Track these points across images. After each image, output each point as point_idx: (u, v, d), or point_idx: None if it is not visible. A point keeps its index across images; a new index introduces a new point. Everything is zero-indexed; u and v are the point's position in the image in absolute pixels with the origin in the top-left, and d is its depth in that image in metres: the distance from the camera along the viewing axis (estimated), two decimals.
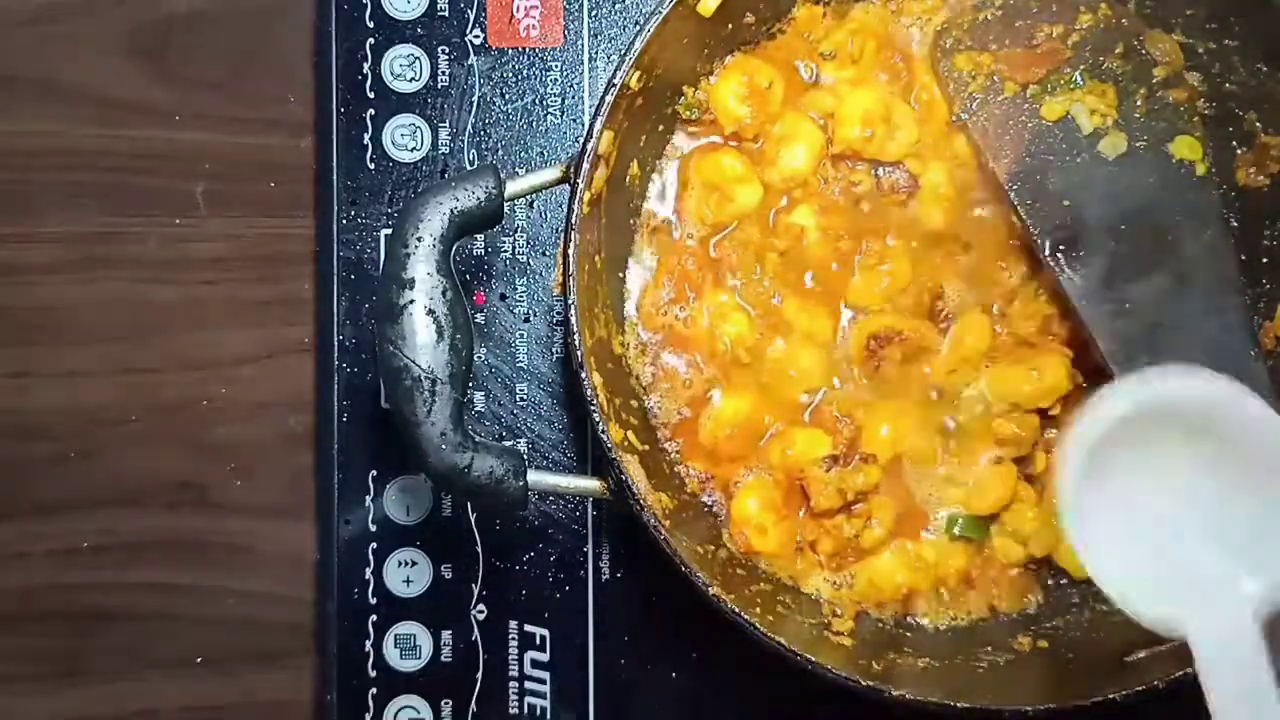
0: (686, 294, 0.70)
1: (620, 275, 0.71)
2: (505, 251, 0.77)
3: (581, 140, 0.61)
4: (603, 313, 0.66)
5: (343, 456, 0.76)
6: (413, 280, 0.55)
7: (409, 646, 0.76)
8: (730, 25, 0.68)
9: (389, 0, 0.77)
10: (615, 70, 0.60)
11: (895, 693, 0.59)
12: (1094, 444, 0.51)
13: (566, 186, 0.60)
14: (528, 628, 0.76)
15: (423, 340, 0.55)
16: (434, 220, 0.56)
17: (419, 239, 0.55)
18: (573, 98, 0.77)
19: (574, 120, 0.77)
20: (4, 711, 0.77)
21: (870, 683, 0.59)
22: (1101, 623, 0.67)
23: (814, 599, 0.68)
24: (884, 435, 0.69)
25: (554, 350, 0.77)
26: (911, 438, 0.70)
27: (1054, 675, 0.64)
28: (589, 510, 0.76)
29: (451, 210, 0.56)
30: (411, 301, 0.55)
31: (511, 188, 0.59)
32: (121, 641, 0.77)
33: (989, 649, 0.67)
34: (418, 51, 0.77)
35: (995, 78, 0.69)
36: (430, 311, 0.55)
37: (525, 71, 0.77)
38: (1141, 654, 0.62)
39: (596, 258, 0.65)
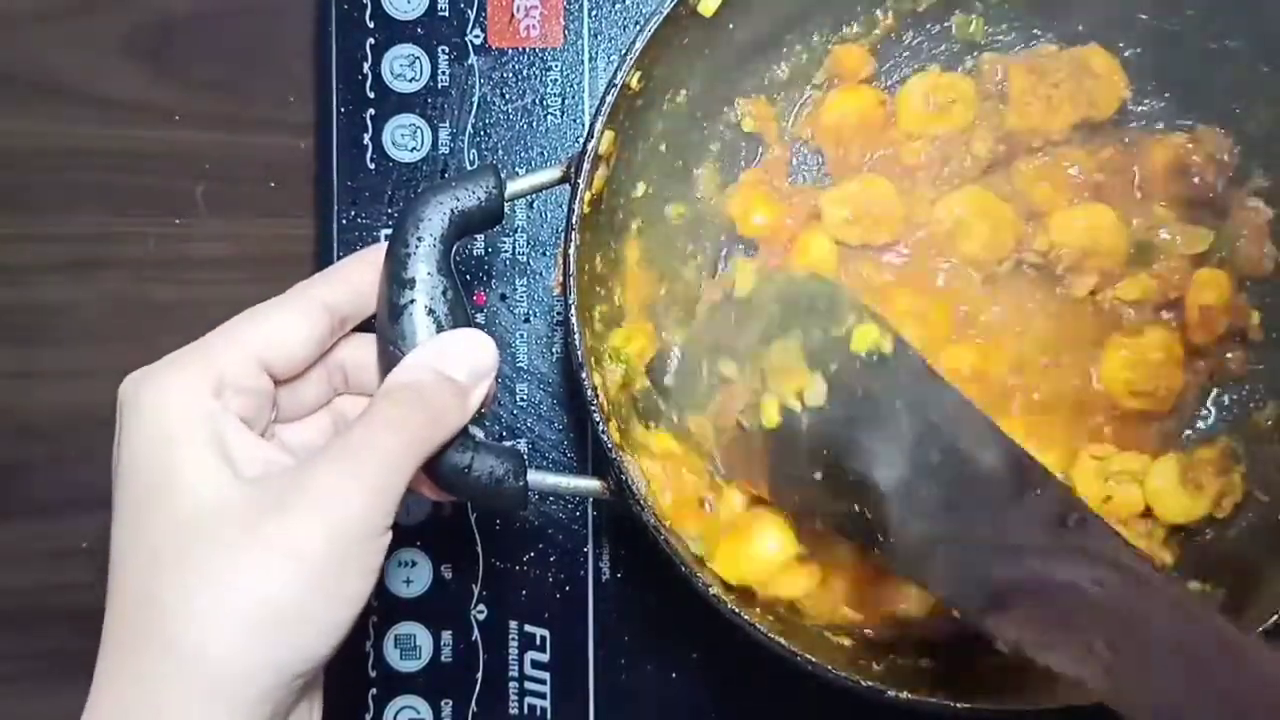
0: None
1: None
2: (505, 251, 0.77)
3: (582, 140, 0.61)
4: (601, 321, 0.66)
5: None
6: (413, 280, 0.55)
7: (409, 646, 0.76)
8: (731, 26, 0.67)
9: (389, 0, 0.77)
10: (616, 70, 0.60)
11: (896, 693, 0.59)
12: None
13: (567, 186, 0.60)
14: (528, 628, 0.76)
15: (423, 340, 0.55)
16: (434, 220, 0.56)
17: (419, 239, 0.55)
18: (573, 98, 0.77)
19: (574, 120, 0.77)
20: (4, 712, 0.77)
21: (871, 683, 0.59)
22: None
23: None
24: None
25: (554, 350, 0.77)
26: None
27: (1056, 675, 0.64)
28: (589, 510, 0.77)
29: (452, 210, 0.56)
30: (412, 301, 0.54)
31: (512, 188, 0.59)
32: None
33: (990, 649, 0.67)
34: (418, 51, 0.77)
35: None
36: (431, 311, 0.55)
37: (525, 71, 0.77)
38: None
39: (597, 258, 0.65)
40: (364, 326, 0.58)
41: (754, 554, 0.64)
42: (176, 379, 0.51)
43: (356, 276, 0.57)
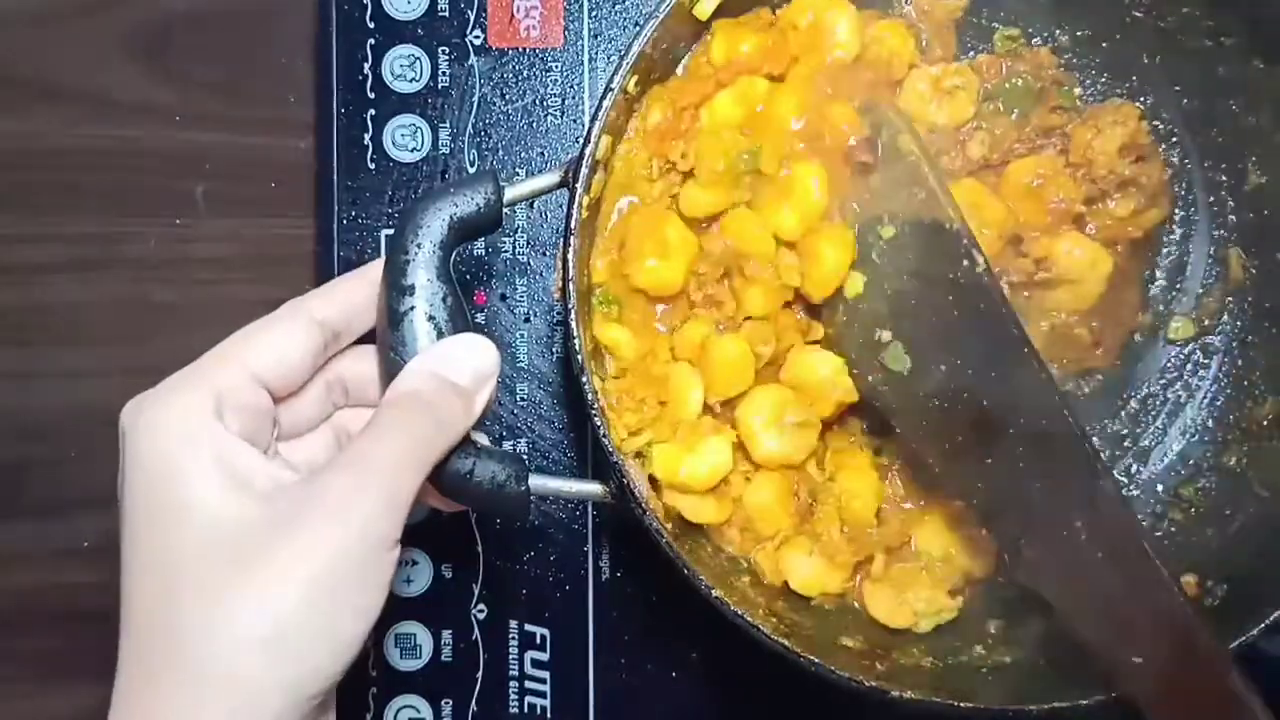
0: None
1: None
2: (505, 251, 0.77)
3: (580, 143, 0.61)
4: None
5: None
6: (413, 287, 0.55)
7: (409, 646, 0.76)
8: None
9: (389, 0, 0.77)
10: (612, 75, 0.60)
11: (898, 693, 0.59)
12: None
13: (565, 190, 0.60)
14: (528, 627, 0.76)
15: (424, 347, 0.55)
16: (434, 226, 0.56)
17: (419, 245, 0.55)
18: (573, 98, 0.77)
19: (574, 121, 0.77)
20: (3, 712, 0.77)
21: (874, 683, 0.59)
22: None
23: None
24: None
25: (554, 350, 0.77)
26: None
27: (1058, 674, 0.64)
28: (589, 510, 0.77)
29: (451, 216, 0.56)
30: (412, 309, 0.55)
31: (510, 193, 0.59)
32: None
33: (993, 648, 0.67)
34: (418, 52, 0.77)
35: None
36: (431, 318, 0.55)
37: (525, 72, 0.77)
38: None
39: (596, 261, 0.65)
40: (364, 340, 0.58)
41: (696, 463, 0.63)
42: (176, 402, 0.51)
43: (352, 292, 0.57)
